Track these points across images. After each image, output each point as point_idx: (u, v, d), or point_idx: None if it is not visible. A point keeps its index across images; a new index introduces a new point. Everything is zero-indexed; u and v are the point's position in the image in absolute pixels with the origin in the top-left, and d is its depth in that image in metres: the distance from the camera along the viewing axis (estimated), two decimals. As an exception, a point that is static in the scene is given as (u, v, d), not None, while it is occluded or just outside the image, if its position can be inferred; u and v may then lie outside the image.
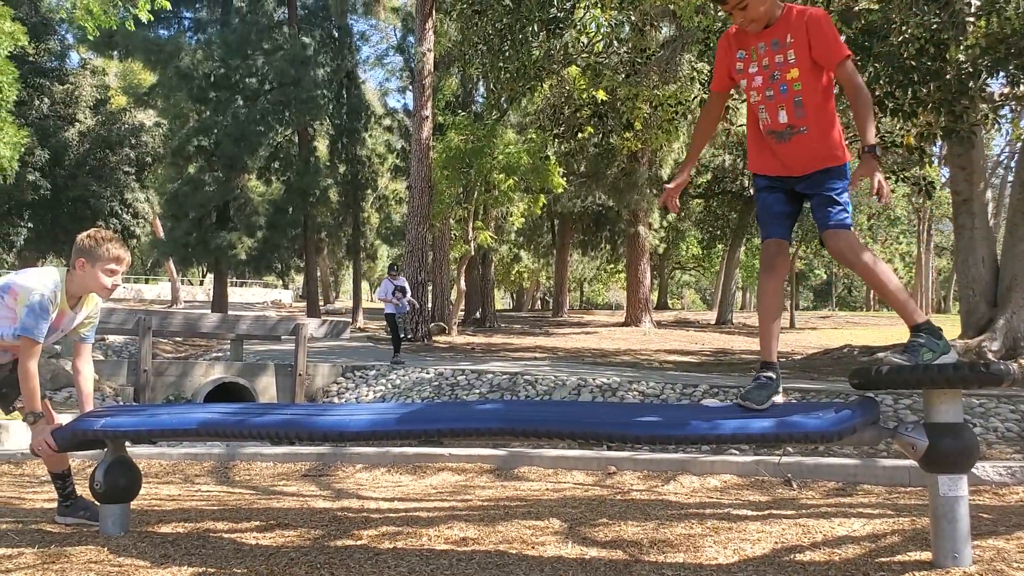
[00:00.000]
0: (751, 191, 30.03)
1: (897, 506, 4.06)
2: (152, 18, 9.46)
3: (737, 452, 6.97)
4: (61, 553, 3.12)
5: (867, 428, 2.74)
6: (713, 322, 34.23)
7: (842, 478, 4.93)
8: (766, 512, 3.88)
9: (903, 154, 12.70)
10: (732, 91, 3.34)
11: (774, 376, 2.97)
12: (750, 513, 3.85)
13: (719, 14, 11.23)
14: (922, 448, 2.64)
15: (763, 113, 3.04)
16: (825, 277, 66.16)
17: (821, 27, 2.92)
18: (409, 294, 15.78)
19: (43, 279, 3.43)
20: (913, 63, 10.18)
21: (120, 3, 9.14)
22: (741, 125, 25.23)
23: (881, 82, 10.61)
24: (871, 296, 66.15)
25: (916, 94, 10.46)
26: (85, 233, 3.54)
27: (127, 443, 3.63)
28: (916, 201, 40.99)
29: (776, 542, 3.23)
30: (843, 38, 11.78)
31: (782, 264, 3.10)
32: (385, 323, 16.65)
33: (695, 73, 14.32)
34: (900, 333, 24.60)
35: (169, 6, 9.42)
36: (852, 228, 2.98)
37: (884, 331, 27.99)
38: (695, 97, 13.99)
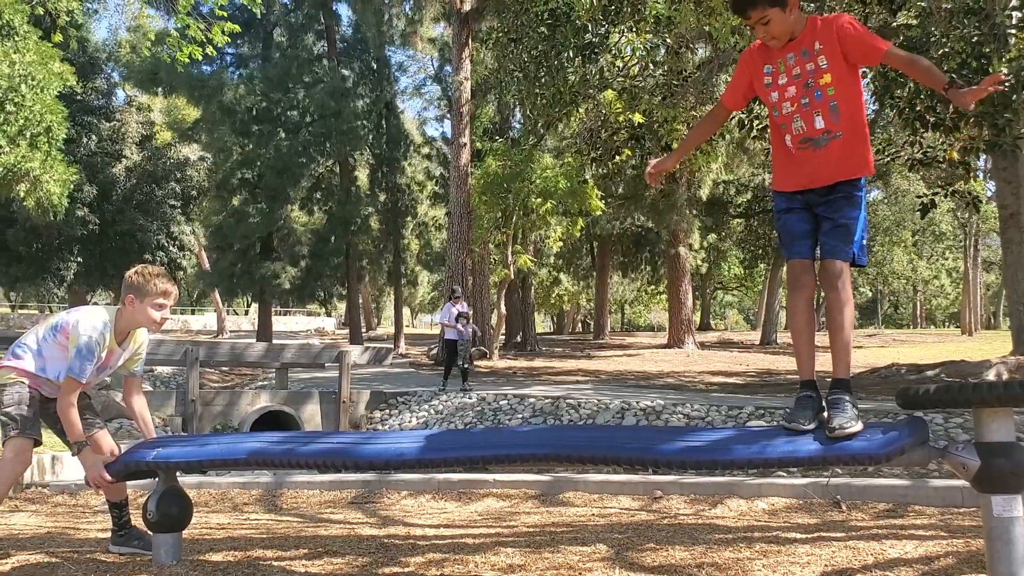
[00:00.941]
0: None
1: (951, 527, 3.99)
2: (229, 40, 9.78)
3: (785, 474, 6.89)
4: (116, 582, 3.18)
5: (916, 448, 2.70)
6: (757, 342, 33.87)
7: (892, 499, 4.85)
8: (815, 535, 3.83)
9: (947, 169, 12.52)
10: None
11: (815, 395, 2.96)
12: (799, 536, 3.80)
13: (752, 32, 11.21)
14: (973, 468, 2.60)
15: (797, 122, 3.04)
16: (871, 295, 65.19)
17: (853, 29, 2.96)
18: (472, 320, 15.00)
19: (94, 321, 3.52)
20: (954, 76, 10.06)
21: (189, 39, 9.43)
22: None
23: (921, 96, 10.50)
24: (918, 313, 65.03)
25: (958, 108, 10.33)
26: (133, 269, 3.63)
27: (179, 473, 3.69)
28: (962, 216, 40.31)
29: (826, 565, 3.19)
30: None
31: (810, 283, 3.10)
32: (444, 348, 15.43)
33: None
34: (948, 351, 24.14)
35: (227, 39, 9.71)
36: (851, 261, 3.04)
37: (932, 348, 27.48)
38: (732, 117, 13.96)
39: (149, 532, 3.61)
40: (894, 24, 11.59)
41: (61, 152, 14.77)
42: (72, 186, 15.72)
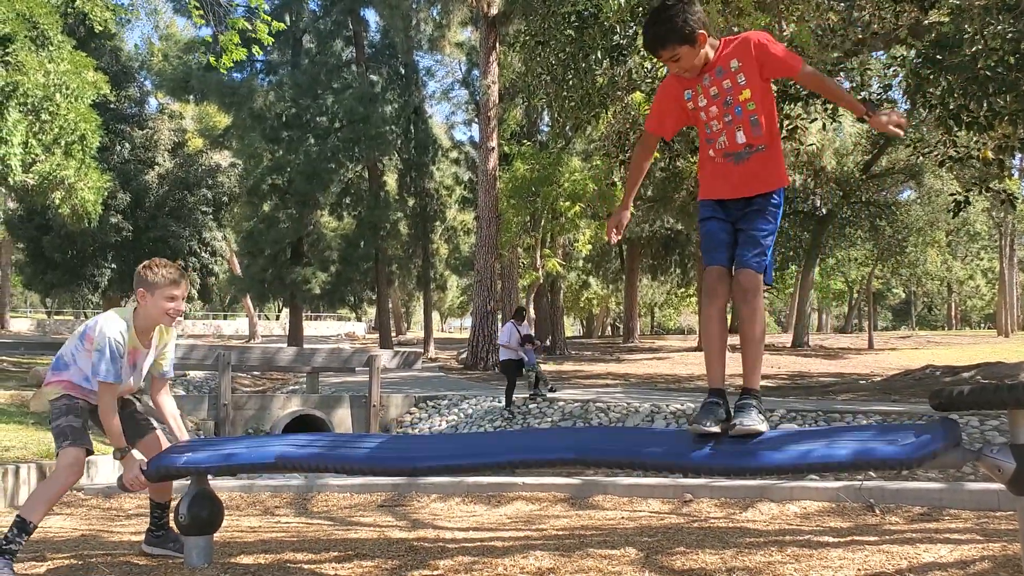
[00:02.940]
0: (823, 210, 29.50)
1: (986, 531, 3.92)
2: (272, 41, 9.91)
3: (817, 478, 6.81)
4: (149, 584, 3.21)
5: (948, 451, 2.66)
6: (789, 345, 33.57)
7: (927, 503, 4.78)
8: (848, 538, 3.78)
9: (981, 167, 12.34)
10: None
11: (721, 402, 3.01)
12: (831, 540, 3.76)
13: (784, 34, 11.15)
14: (1009, 471, 2.55)
15: (722, 137, 3.11)
16: (904, 296, 64.37)
17: (771, 48, 3.02)
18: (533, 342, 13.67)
19: (112, 322, 3.53)
20: (988, 74, 9.92)
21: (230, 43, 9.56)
22: (811, 145, 24.86)
23: (955, 95, 10.36)
24: (953, 315, 64.13)
25: (992, 106, 10.19)
26: (141, 264, 3.64)
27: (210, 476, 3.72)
28: (997, 215, 39.69)
29: (859, 569, 3.15)
30: (913, 52, 11.55)
31: (724, 292, 3.15)
32: (501, 369, 13.74)
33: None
34: (984, 352, 23.79)
35: (272, 40, 9.82)
36: (763, 272, 3.11)
37: (967, 350, 27.09)
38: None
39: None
40: (926, 22, 11.46)
41: (95, 160, 14.99)
42: (106, 193, 15.95)
